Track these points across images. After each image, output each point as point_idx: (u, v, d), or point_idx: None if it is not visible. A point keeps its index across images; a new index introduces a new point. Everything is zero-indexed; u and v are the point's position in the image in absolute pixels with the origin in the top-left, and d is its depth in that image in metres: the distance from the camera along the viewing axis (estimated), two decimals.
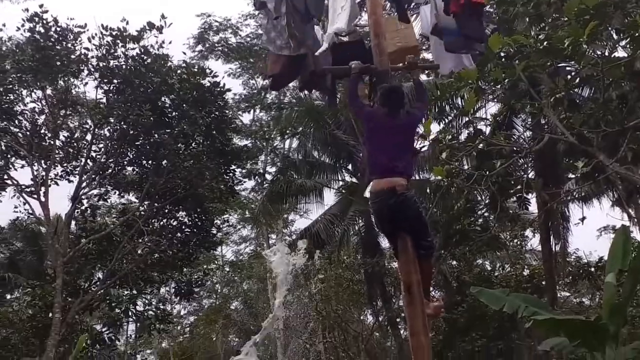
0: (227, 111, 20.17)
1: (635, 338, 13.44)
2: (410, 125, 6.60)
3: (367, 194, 6.31)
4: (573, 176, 17.08)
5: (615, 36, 11.01)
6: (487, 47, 9.28)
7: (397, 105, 6.50)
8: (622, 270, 13.18)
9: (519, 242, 27.20)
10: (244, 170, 23.12)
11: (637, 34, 9.69)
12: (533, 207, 21.56)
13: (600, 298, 17.69)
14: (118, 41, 17.90)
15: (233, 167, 20.18)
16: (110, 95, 18.53)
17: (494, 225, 21.23)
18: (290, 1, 6.97)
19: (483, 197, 21.15)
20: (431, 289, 6.81)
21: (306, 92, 9.25)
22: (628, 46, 10.72)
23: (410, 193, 6.33)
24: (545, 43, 10.34)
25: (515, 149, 13.88)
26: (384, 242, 25.72)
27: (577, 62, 10.23)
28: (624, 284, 13.10)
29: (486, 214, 22.33)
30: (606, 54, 10.53)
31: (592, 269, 21.96)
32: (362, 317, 30.78)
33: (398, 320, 23.98)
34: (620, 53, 11.51)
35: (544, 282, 21.49)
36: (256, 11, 26.29)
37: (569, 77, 11.22)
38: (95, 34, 17.95)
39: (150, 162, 19.25)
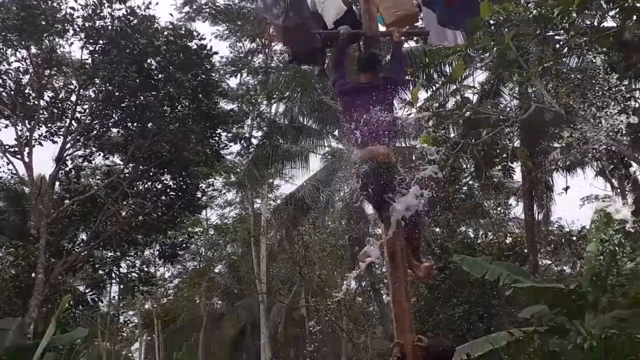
0: (213, 74, 20.01)
1: (615, 307, 13.60)
2: (387, 91, 6.54)
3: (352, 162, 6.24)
4: (558, 146, 17.15)
5: (604, 6, 10.98)
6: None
7: (373, 71, 6.46)
8: (604, 240, 13.33)
9: (502, 211, 27.35)
10: (229, 134, 23.01)
11: (626, 4, 9.67)
12: (517, 176, 21.70)
13: (581, 267, 17.86)
14: (104, 1, 17.66)
15: (219, 131, 20.07)
16: (96, 56, 18.32)
17: (478, 193, 21.33)
18: None
19: (468, 166, 21.22)
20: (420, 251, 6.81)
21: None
22: (617, 16, 10.70)
23: (393, 161, 6.32)
24: (534, 11, 10.31)
25: (501, 117, 13.89)
26: (369, 209, 25.79)
27: (566, 32, 10.22)
28: (605, 254, 13.25)
29: (471, 182, 22.43)
30: (595, 23, 10.51)
31: (574, 238, 22.17)
32: (345, 282, 31.00)
33: (380, 285, 24.17)
34: (610, 23, 11.51)
35: (526, 250, 21.68)
36: None
37: (557, 46, 11.19)
38: None
39: (135, 124, 19.10)
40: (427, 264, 6.65)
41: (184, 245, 23.30)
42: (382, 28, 7.16)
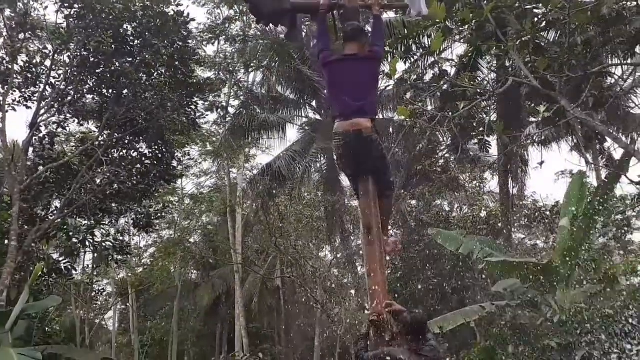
0: (190, 42, 19.79)
1: (586, 282, 13.80)
2: (372, 64, 6.52)
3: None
4: (534, 120, 17.23)
5: None
6: None
7: (354, 43, 6.43)
8: (577, 215, 13.47)
9: (477, 184, 27.53)
10: (206, 103, 22.85)
11: None
12: (493, 150, 21.82)
13: (554, 241, 18.06)
14: None
15: (195, 99, 19.91)
16: (71, 20, 18.01)
17: (454, 167, 21.43)
18: None
19: (445, 139, 21.30)
20: (389, 226, 6.87)
21: (271, 26, 9.04)
22: None
23: (374, 135, 6.30)
24: None
25: (479, 91, 13.88)
26: (345, 181, 25.84)
27: (544, 5, 10.20)
28: (578, 229, 13.39)
29: (447, 155, 22.53)
30: None
31: (548, 213, 22.38)
32: (320, 254, 31.11)
33: (356, 258, 24.29)
34: None
35: (500, 224, 21.87)
36: None
37: (535, 19, 11.17)
38: None
39: (110, 91, 18.87)
40: (394, 239, 6.71)
41: (159, 214, 23.19)
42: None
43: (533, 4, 10.58)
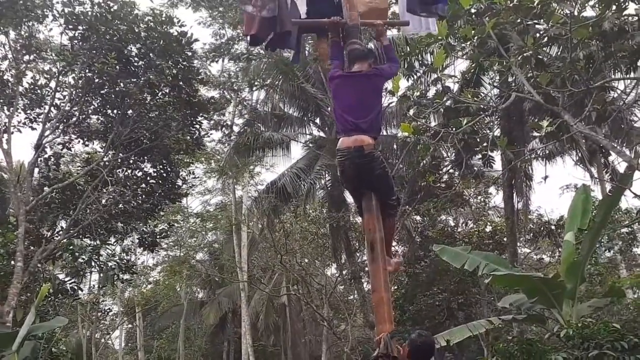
0: (194, 62, 19.89)
1: (592, 295, 13.76)
2: (377, 82, 6.57)
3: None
4: (538, 135, 17.25)
5: None
6: (459, 3, 9.27)
7: (362, 62, 6.48)
8: (581, 229, 13.45)
9: (482, 199, 27.54)
10: (211, 122, 22.93)
11: None
12: (497, 165, 21.85)
13: (560, 255, 18.04)
14: None
15: (200, 118, 19.98)
16: (75, 42, 18.13)
17: (458, 182, 21.45)
18: None
19: (449, 154, 21.32)
20: (393, 244, 6.91)
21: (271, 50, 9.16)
22: (596, 6, 10.76)
23: (377, 152, 6.34)
24: (515, 1, 10.34)
25: (482, 106, 13.93)
26: (350, 197, 25.87)
27: (546, 21, 10.26)
28: (583, 242, 13.38)
29: (451, 171, 22.55)
30: (575, 13, 10.55)
31: (553, 227, 22.36)
32: (326, 271, 31.10)
33: (361, 274, 24.26)
34: (589, 13, 11.58)
35: (505, 239, 21.84)
36: None
37: (537, 35, 11.23)
38: None
39: (115, 111, 18.96)
40: (397, 260, 6.75)
41: (165, 233, 23.21)
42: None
43: (534, 20, 10.64)
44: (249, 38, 7.64)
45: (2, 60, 18.63)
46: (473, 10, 12.33)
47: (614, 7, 10.11)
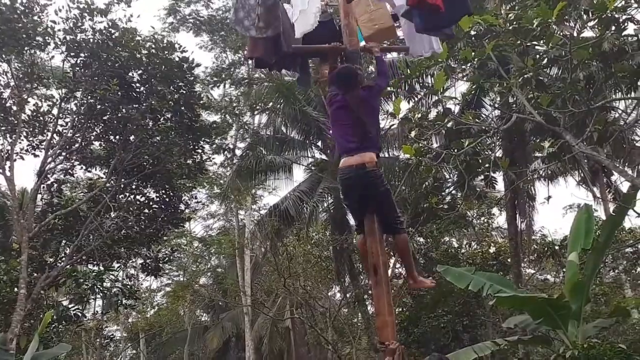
0: (196, 87, 20.01)
1: (598, 316, 13.68)
2: (371, 99, 6.56)
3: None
4: (540, 155, 17.27)
5: (583, 16, 11.09)
6: (458, 26, 9.31)
7: (351, 84, 6.49)
8: (585, 248, 13.39)
9: (485, 220, 27.51)
10: (213, 146, 23.00)
11: (604, 15, 9.77)
12: (500, 186, 21.86)
13: (564, 276, 17.99)
14: (85, 14, 17.58)
15: (202, 143, 20.05)
16: (77, 69, 18.25)
17: (461, 204, 21.43)
18: None
19: (451, 176, 21.32)
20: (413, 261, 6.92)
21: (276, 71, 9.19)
22: (596, 27, 10.81)
23: (379, 170, 6.36)
24: (514, 23, 10.40)
25: (483, 128, 13.96)
26: (352, 220, 25.85)
27: (545, 43, 10.30)
28: (587, 263, 13.31)
29: (454, 192, 22.53)
30: (574, 34, 10.60)
31: (557, 247, 22.30)
32: (330, 294, 30.98)
33: (365, 297, 24.16)
34: (588, 33, 11.63)
35: (509, 260, 21.79)
36: None
37: (537, 57, 11.27)
38: (63, 7, 17.65)
39: (117, 137, 19.04)
40: (430, 279, 6.85)
41: (167, 258, 23.20)
42: (362, 43, 7.26)
43: (534, 42, 10.69)
44: (253, 61, 7.65)
45: (4, 88, 18.73)
46: (473, 33, 12.40)
47: (613, 28, 10.16)
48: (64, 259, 19.70)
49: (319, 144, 26.50)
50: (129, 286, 22.36)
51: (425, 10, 6.69)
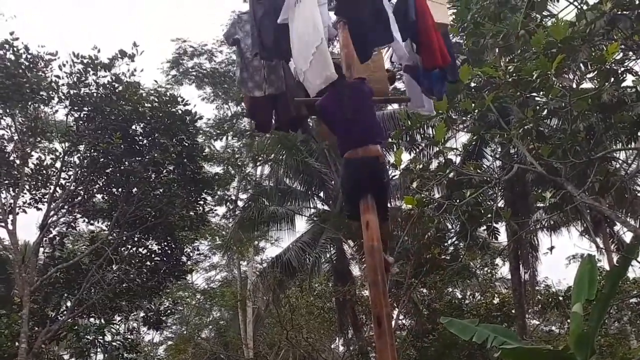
0: (198, 139, 20.14)
1: None
2: (362, 87, 6.56)
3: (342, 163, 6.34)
4: (542, 206, 17.28)
5: (582, 68, 11.21)
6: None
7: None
8: (589, 299, 13.29)
9: (489, 271, 27.35)
10: (215, 197, 23.03)
11: (603, 67, 9.87)
12: (503, 236, 21.80)
13: (569, 327, 17.82)
14: (89, 69, 17.78)
15: (204, 194, 20.09)
16: (81, 122, 18.39)
17: (464, 254, 21.36)
18: (259, 37, 6.93)
19: (453, 226, 21.30)
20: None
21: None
22: (595, 78, 10.91)
23: (384, 160, 6.52)
24: (514, 75, 10.50)
25: (485, 178, 13.99)
26: (356, 270, 25.78)
27: (545, 94, 10.39)
28: (591, 314, 13.20)
29: (456, 243, 22.48)
30: (574, 86, 10.70)
31: (561, 298, 22.13)
32: (333, 346, 30.66)
33: (369, 349, 23.90)
34: (587, 85, 11.72)
35: (513, 311, 21.62)
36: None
37: (537, 108, 11.35)
38: (66, 62, 17.84)
39: (120, 190, 19.10)
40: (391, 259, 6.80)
41: (169, 311, 23.05)
42: None
43: (534, 93, 10.78)
44: (254, 124, 7.71)
45: (8, 142, 18.84)
46: (472, 84, 12.52)
47: (612, 80, 10.25)
48: (65, 312, 19.59)
49: (321, 194, 26.53)
50: (130, 340, 22.16)
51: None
